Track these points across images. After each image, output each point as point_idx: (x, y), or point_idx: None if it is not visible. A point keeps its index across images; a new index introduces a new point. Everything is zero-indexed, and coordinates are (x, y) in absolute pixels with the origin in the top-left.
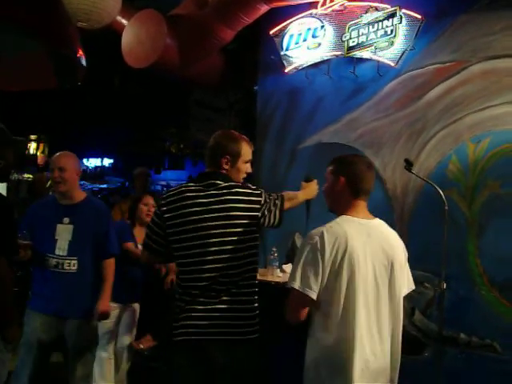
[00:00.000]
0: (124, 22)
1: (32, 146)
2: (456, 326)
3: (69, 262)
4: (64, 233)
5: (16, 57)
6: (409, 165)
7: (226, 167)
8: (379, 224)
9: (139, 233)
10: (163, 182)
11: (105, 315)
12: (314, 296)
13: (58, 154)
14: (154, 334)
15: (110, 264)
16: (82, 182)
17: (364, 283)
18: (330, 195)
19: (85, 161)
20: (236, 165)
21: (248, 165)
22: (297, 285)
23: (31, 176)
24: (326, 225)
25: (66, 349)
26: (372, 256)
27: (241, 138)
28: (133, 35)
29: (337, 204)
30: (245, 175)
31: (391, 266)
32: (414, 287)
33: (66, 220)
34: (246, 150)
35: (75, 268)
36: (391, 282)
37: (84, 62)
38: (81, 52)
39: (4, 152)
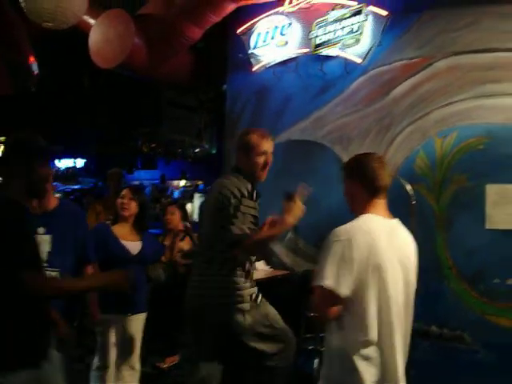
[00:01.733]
0: (91, 21)
1: (0, 148)
2: (427, 318)
3: (49, 274)
4: (41, 244)
5: None
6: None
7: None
8: (398, 224)
9: (119, 229)
10: (136, 182)
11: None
12: (346, 293)
13: None
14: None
15: (92, 272)
16: (54, 183)
17: (393, 281)
18: (350, 199)
19: (56, 162)
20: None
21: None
22: (327, 282)
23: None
24: (352, 223)
25: None
26: (396, 254)
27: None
28: (100, 35)
29: (358, 206)
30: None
31: (409, 264)
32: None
33: (42, 230)
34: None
35: None
36: (409, 281)
37: (36, 69)
38: (32, 59)
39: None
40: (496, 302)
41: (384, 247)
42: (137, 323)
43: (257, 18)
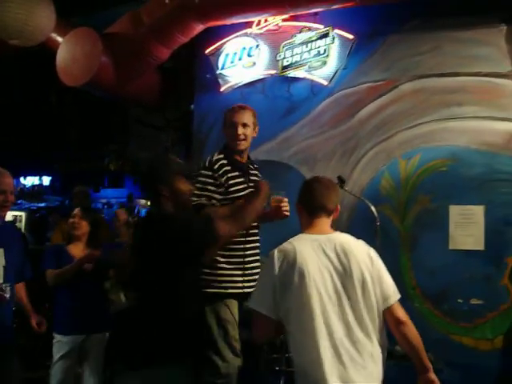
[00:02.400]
0: (59, 39)
1: None
2: (392, 338)
3: (5, 288)
4: None
5: None
6: (341, 182)
7: None
8: (337, 237)
9: (73, 248)
10: (104, 200)
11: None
12: (266, 313)
13: None
14: None
15: (22, 287)
16: (19, 201)
17: (319, 296)
18: (300, 221)
19: (22, 179)
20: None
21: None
22: (252, 305)
23: None
24: (282, 245)
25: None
26: (328, 268)
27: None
28: (68, 53)
29: (302, 226)
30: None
31: (353, 275)
32: (397, 296)
33: None
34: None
35: (9, 295)
36: (358, 293)
37: None
38: None
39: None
40: (459, 322)
41: (310, 263)
42: (95, 344)
43: (225, 39)
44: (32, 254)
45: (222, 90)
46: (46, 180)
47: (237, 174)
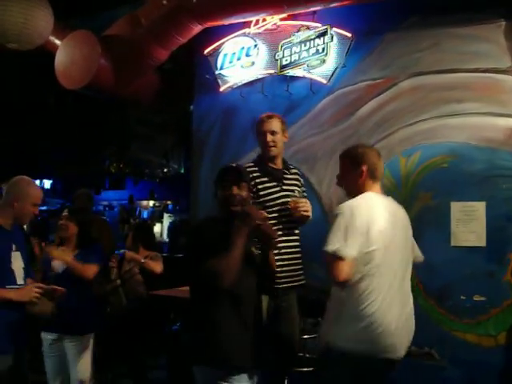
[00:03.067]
0: (57, 42)
1: None
2: None
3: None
4: (17, 260)
5: None
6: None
7: None
8: (392, 201)
9: (61, 249)
10: (105, 202)
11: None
12: (352, 254)
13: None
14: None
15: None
16: None
17: (394, 249)
18: (348, 183)
19: None
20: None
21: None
22: (334, 247)
23: None
24: (355, 199)
25: None
26: (392, 222)
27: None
28: (66, 56)
29: (358, 189)
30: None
31: (407, 231)
32: (421, 258)
33: (14, 247)
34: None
35: None
36: (409, 246)
37: None
38: None
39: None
40: (463, 319)
41: (382, 216)
42: (71, 347)
43: (223, 40)
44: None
45: (221, 90)
46: (47, 183)
47: (266, 179)
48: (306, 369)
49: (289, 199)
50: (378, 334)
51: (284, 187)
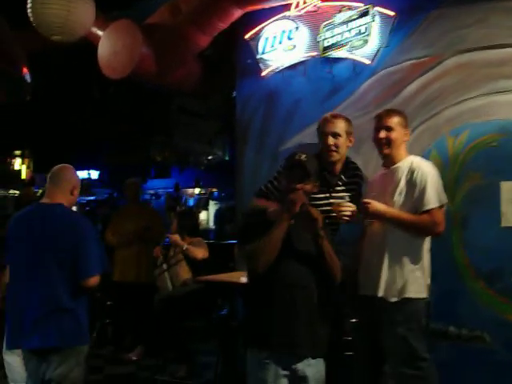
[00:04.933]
0: (99, 33)
1: (17, 162)
2: (445, 319)
3: None
4: None
5: None
6: None
7: None
8: None
9: None
10: (151, 191)
11: None
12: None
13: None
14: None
15: None
16: None
17: None
18: (398, 144)
19: None
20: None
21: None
22: (440, 201)
23: (17, 192)
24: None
25: None
26: None
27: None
28: (108, 46)
29: (401, 151)
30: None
31: None
32: None
33: None
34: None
35: None
36: None
37: (29, 79)
38: (25, 70)
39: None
40: None
41: None
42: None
43: (264, 23)
44: None
45: (263, 74)
46: (94, 174)
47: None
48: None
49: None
50: None
51: (333, 194)
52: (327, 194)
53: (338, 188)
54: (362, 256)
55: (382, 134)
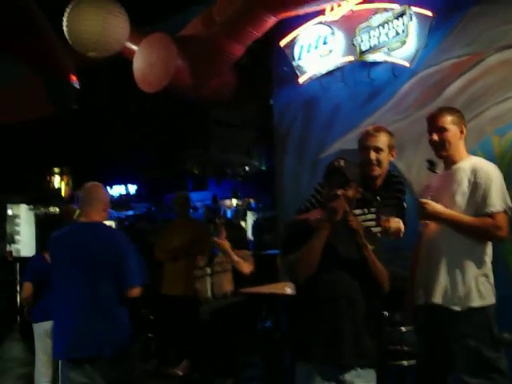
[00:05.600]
0: (134, 47)
1: (56, 179)
2: (499, 325)
3: None
4: None
5: (7, 86)
6: (432, 165)
7: None
8: None
9: None
10: (173, 203)
11: None
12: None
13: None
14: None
15: None
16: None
17: None
18: (455, 143)
19: (109, 189)
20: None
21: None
22: (503, 206)
23: (57, 209)
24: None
25: None
26: None
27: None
28: (143, 60)
29: (460, 151)
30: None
31: None
32: None
33: None
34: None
35: None
36: None
37: (77, 86)
38: (74, 77)
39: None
40: None
41: None
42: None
43: (298, 30)
44: None
45: (300, 81)
46: (132, 188)
47: None
48: (405, 362)
49: (373, 223)
50: None
51: (372, 210)
52: (365, 210)
53: (380, 198)
54: (418, 263)
55: (435, 137)
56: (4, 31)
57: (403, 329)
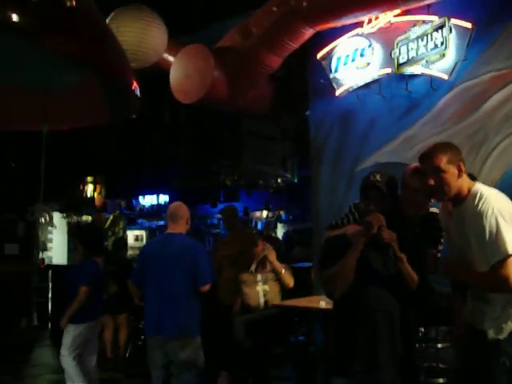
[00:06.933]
0: (170, 58)
1: (89, 188)
2: None
3: None
4: None
5: (65, 91)
6: (471, 179)
7: None
8: None
9: None
10: (219, 216)
11: None
12: None
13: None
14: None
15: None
16: (139, 221)
17: None
18: (453, 185)
19: (141, 199)
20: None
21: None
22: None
23: (90, 218)
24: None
25: None
26: None
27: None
28: (180, 71)
29: (463, 186)
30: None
31: None
32: None
33: None
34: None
35: None
36: None
37: (139, 94)
38: (135, 84)
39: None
40: None
41: None
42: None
43: (336, 42)
44: None
45: (336, 94)
46: (163, 198)
47: None
48: (441, 380)
49: None
50: None
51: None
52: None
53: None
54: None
55: (432, 182)
56: (71, 36)
57: (439, 345)
